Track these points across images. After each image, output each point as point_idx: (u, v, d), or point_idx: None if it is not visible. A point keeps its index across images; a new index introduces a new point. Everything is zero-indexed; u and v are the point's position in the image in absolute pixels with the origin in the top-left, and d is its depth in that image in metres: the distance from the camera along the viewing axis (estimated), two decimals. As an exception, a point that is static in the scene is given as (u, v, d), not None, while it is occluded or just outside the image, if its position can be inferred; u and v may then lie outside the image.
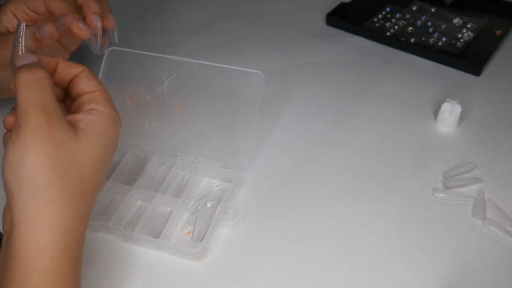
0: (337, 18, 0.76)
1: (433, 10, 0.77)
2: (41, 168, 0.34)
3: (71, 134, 0.36)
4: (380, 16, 0.76)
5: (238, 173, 0.52)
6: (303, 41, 0.74)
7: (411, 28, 0.73)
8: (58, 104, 0.36)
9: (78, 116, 0.38)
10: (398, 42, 0.71)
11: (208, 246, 0.46)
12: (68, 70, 0.40)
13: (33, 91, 0.35)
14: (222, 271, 0.45)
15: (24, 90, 0.35)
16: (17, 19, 0.52)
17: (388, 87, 0.65)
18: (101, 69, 0.55)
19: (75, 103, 0.40)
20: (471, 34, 0.71)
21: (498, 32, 0.72)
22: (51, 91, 0.36)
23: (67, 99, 0.43)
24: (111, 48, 0.55)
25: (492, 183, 0.52)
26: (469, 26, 0.73)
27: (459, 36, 0.72)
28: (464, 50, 0.69)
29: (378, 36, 0.73)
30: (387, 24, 0.74)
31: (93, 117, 0.38)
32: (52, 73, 0.40)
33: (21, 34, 0.40)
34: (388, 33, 0.73)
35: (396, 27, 0.74)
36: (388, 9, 0.78)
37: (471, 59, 0.67)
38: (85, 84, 0.40)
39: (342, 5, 0.79)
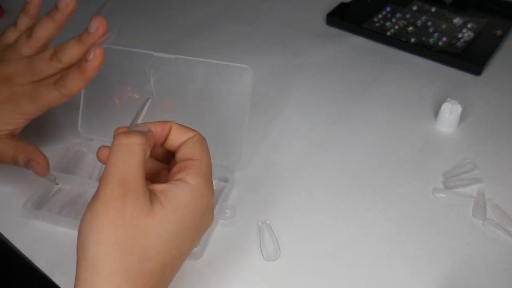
0: (337, 18, 0.76)
1: (433, 10, 0.77)
2: (103, 241, 0.32)
3: (145, 209, 0.33)
4: (380, 16, 0.76)
5: (234, 172, 0.52)
6: (303, 41, 0.74)
7: (411, 28, 0.73)
8: (142, 173, 0.34)
9: (161, 187, 0.34)
10: (398, 42, 0.71)
11: (206, 245, 0.46)
12: (180, 135, 0.38)
13: (120, 157, 0.33)
14: (220, 270, 0.45)
15: (114, 153, 0.34)
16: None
17: (388, 87, 0.65)
18: None
19: (172, 169, 0.37)
20: (471, 34, 0.71)
21: (498, 32, 0.72)
22: (140, 159, 0.34)
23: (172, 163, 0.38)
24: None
25: (492, 183, 0.52)
26: (469, 26, 0.73)
27: (459, 36, 0.71)
28: (464, 50, 0.69)
29: (378, 36, 0.73)
30: (387, 24, 0.74)
31: (177, 190, 0.34)
32: (164, 138, 0.38)
33: (145, 108, 0.39)
34: (388, 33, 0.73)
35: (396, 27, 0.74)
36: (388, 9, 0.78)
37: (471, 59, 0.67)
38: (188, 151, 0.37)
39: (342, 5, 0.79)
